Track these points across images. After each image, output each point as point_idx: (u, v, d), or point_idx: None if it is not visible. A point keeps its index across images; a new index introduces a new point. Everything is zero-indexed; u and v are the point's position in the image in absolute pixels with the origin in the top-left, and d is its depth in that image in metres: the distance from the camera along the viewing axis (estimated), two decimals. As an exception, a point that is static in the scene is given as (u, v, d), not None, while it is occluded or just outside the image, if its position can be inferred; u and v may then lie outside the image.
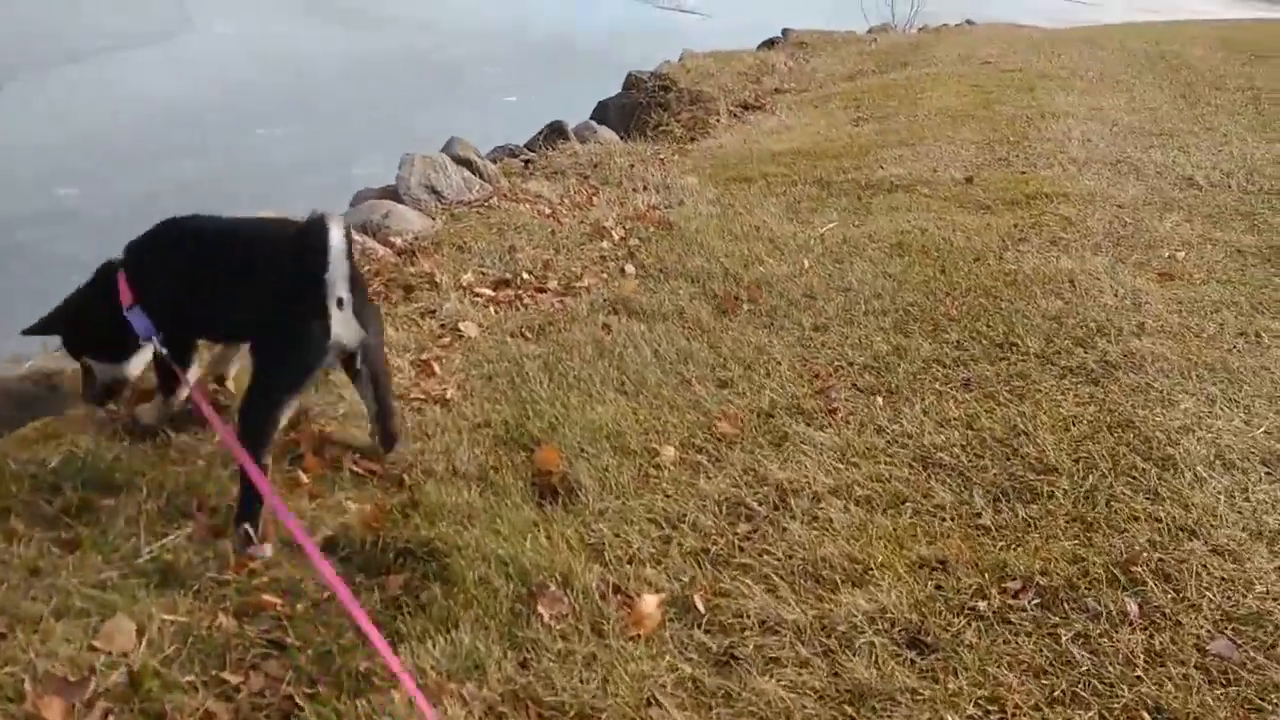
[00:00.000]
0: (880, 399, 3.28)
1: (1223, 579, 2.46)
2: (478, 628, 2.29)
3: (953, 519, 2.70)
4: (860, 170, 5.83)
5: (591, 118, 8.72)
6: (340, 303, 2.53)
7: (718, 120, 8.09)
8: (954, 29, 14.97)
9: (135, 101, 9.73)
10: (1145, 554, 2.53)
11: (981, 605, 2.38)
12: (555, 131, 7.01)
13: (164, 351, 2.77)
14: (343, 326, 2.56)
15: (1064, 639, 2.28)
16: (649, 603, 2.37)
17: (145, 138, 8.72)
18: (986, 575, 2.48)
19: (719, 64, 9.86)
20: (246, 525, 2.49)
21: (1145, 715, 2.10)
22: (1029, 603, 2.39)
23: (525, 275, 4.36)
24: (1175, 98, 7.92)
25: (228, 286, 2.69)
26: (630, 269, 4.46)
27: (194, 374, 2.97)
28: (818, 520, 2.69)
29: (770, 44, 12.03)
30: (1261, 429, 3.09)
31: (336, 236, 2.47)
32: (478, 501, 2.74)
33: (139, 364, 3.00)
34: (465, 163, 5.65)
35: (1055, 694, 2.14)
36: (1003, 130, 6.67)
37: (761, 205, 5.29)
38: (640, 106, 8.82)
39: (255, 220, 2.97)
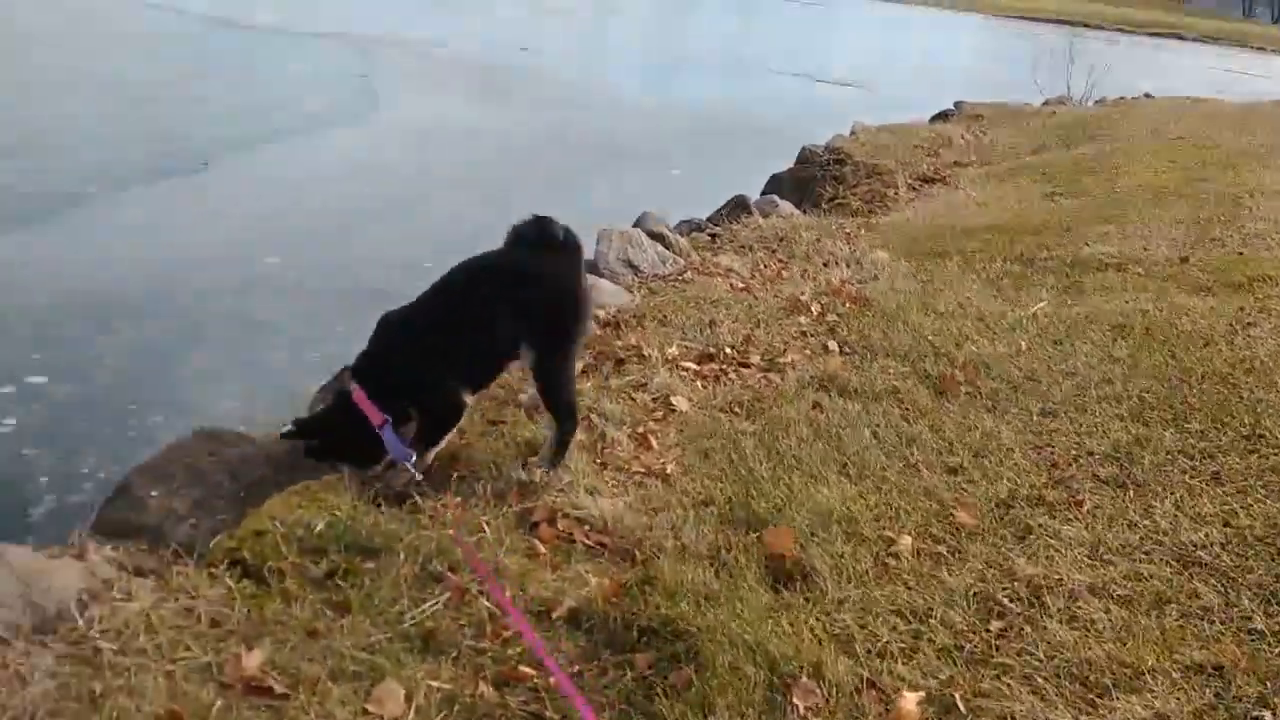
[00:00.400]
0: (1129, 492, 3.13)
1: None
2: (733, 715, 2.25)
3: (1222, 622, 2.54)
4: (1064, 247, 5.66)
5: (764, 191, 8.79)
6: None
7: (896, 194, 8.04)
8: (1133, 102, 14.54)
9: (331, 176, 10.28)
10: None
11: (1267, 716, 2.22)
12: (738, 206, 7.08)
13: (418, 476, 2.96)
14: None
15: (1367, 760, 2.10)
16: (909, 700, 2.29)
17: (339, 210, 9.17)
18: (1268, 684, 2.31)
19: (893, 137, 9.83)
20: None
21: None
22: (1321, 718, 2.21)
23: (727, 350, 4.37)
24: (1394, 175, 7.46)
25: (490, 317, 3.05)
26: (833, 345, 4.42)
27: (434, 453, 3.08)
28: (1078, 620, 2.56)
29: (944, 116, 11.93)
30: None
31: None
32: (714, 582, 2.72)
33: (381, 466, 3.14)
34: (658, 237, 5.75)
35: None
36: (1211, 209, 6.40)
37: (961, 282, 5.19)
38: (814, 180, 8.85)
39: (465, 263, 3.20)
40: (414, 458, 2.98)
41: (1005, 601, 2.65)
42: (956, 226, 6.36)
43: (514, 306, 3.06)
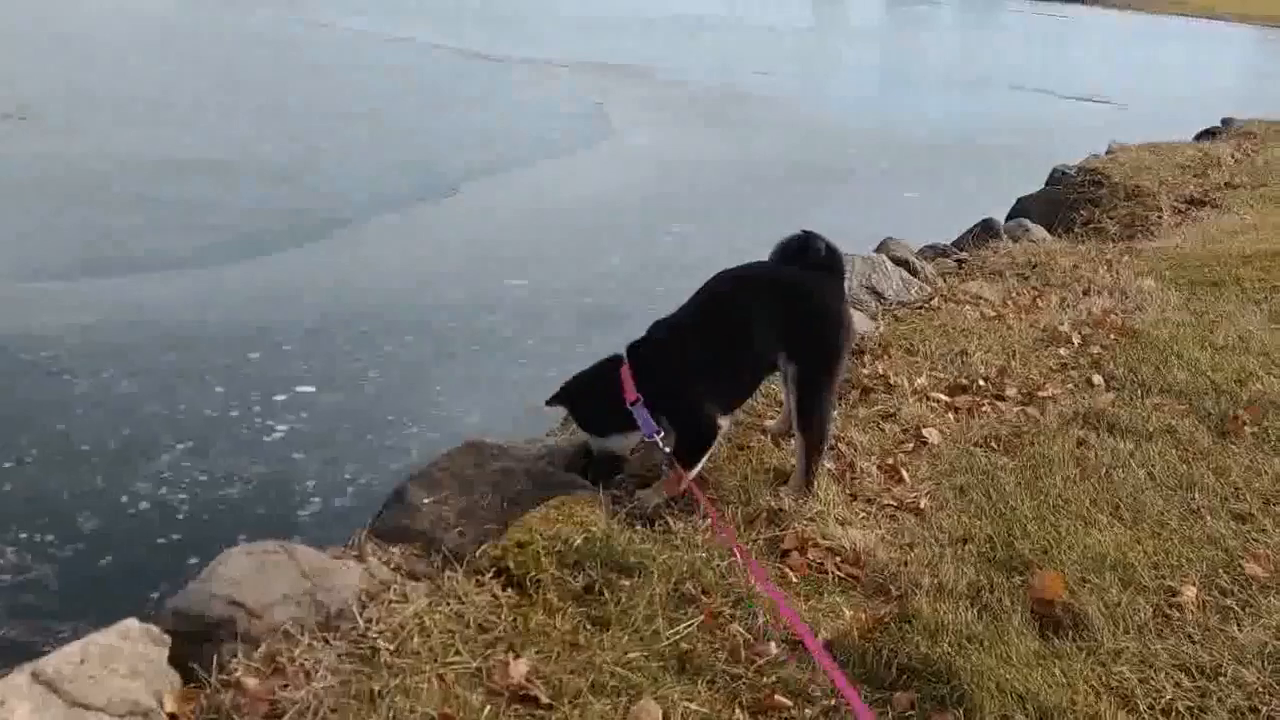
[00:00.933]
0: None
1: None
2: (1003, 765, 2.13)
3: None
4: (1360, 277, 5.12)
5: (1010, 215, 8.41)
6: None
7: (1159, 217, 7.51)
8: None
9: (567, 201, 10.63)
10: None
11: None
12: (986, 230, 6.81)
13: (666, 451, 3.02)
14: None
15: None
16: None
17: (575, 234, 9.45)
18: None
19: (1155, 157, 9.19)
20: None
21: None
22: None
23: (981, 381, 4.19)
24: None
25: (754, 329, 3.10)
26: (1098, 379, 4.16)
27: (698, 469, 3.10)
28: (1397, 691, 2.28)
29: (1210, 134, 11.07)
30: None
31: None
32: (976, 624, 2.59)
33: (626, 443, 3.21)
34: (902, 263, 5.60)
35: None
36: None
37: (1240, 313, 4.79)
38: (1067, 203, 8.39)
39: (729, 273, 3.23)
40: (662, 436, 3.01)
41: (1308, 665, 2.40)
42: (1231, 253, 5.87)
43: (777, 319, 3.09)
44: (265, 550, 2.52)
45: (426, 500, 2.82)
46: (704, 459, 3.11)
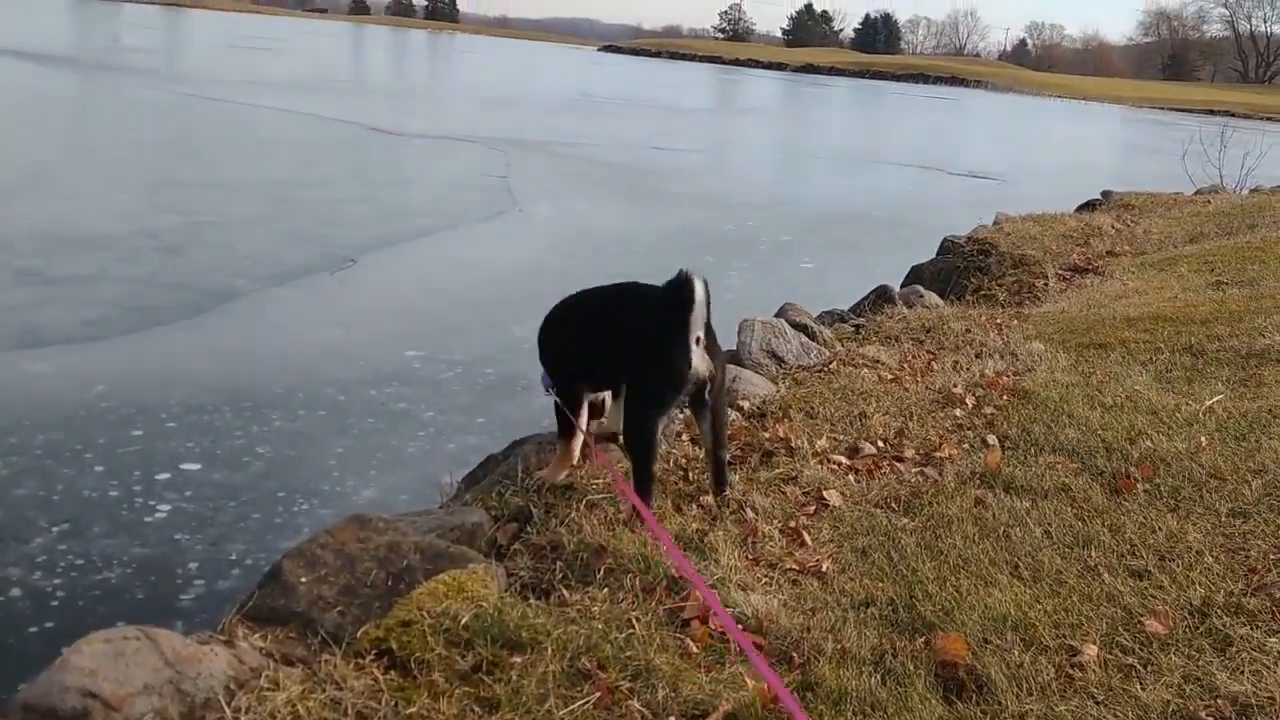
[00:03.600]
0: (1347, 603, 2.81)
1: None
2: (911, 840, 2.04)
3: None
4: (1237, 338, 5.30)
5: (904, 283, 8.60)
6: (698, 340, 3.15)
7: (1045, 284, 7.75)
8: (1293, 189, 13.85)
9: (470, 273, 10.55)
10: None
11: None
12: (881, 296, 6.92)
13: (556, 399, 3.52)
14: (699, 360, 3.18)
15: None
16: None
17: (478, 305, 9.36)
18: None
19: (1039, 227, 9.53)
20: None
21: None
22: None
23: (880, 443, 4.19)
24: None
25: (613, 338, 3.39)
26: (992, 440, 4.19)
27: (584, 421, 3.59)
28: (1298, 746, 2.27)
29: (1091, 206, 11.57)
30: None
31: (700, 288, 3.07)
32: (880, 690, 2.52)
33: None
34: (801, 328, 5.63)
35: None
36: (1402, 294, 5.94)
37: (1127, 374, 4.90)
38: (958, 271, 8.63)
39: (631, 285, 3.52)
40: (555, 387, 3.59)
41: (1210, 722, 2.38)
42: (1116, 316, 6.05)
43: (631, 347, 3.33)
44: (124, 636, 2.33)
45: (304, 579, 2.65)
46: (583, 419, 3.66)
